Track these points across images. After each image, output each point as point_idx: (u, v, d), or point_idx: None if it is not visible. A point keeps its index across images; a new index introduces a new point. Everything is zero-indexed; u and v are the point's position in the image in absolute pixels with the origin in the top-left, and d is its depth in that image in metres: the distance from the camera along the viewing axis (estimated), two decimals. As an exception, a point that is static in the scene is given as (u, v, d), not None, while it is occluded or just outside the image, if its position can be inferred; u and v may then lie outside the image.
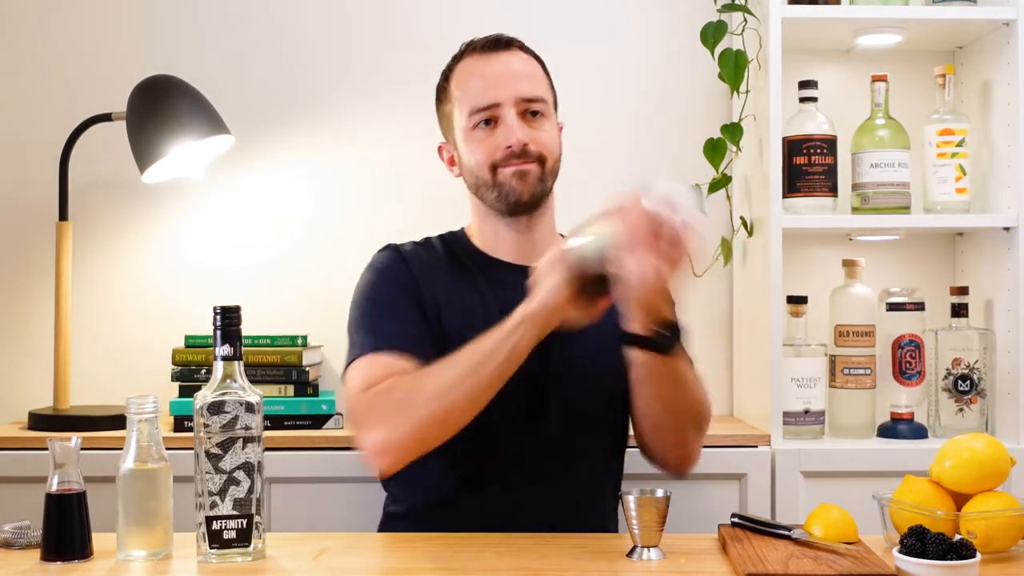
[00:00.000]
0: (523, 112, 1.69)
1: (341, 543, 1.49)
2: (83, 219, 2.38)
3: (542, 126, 1.71)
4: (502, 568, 1.35)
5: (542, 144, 1.69)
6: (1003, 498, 1.40)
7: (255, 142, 2.42)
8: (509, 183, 1.68)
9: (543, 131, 1.70)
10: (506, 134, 1.67)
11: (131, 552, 1.37)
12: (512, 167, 1.67)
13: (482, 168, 1.69)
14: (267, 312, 2.34)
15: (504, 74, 1.70)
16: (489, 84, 1.69)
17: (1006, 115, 2.20)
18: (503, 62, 1.71)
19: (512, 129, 1.67)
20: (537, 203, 1.71)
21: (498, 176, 1.68)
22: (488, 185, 1.70)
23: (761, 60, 2.21)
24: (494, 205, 1.71)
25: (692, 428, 1.68)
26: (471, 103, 1.69)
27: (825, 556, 1.33)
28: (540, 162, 1.69)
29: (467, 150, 1.71)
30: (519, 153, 1.67)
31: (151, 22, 2.43)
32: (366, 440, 1.52)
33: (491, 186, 1.70)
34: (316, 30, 2.44)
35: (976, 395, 2.19)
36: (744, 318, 2.36)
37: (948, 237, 2.45)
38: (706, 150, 2.30)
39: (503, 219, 1.72)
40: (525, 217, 1.72)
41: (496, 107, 1.68)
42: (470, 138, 1.70)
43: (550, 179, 1.72)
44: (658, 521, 1.38)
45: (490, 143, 1.68)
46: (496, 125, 1.69)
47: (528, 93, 1.69)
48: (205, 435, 1.35)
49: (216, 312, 1.37)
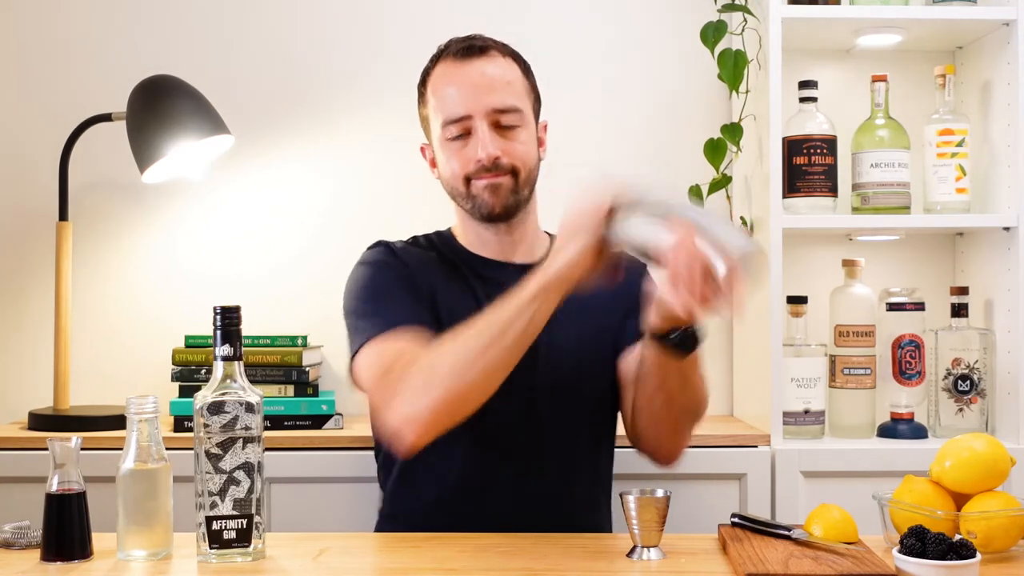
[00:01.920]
0: (496, 123, 1.67)
1: (341, 543, 1.49)
2: (83, 219, 2.38)
3: (516, 137, 1.68)
4: (502, 568, 1.35)
5: (515, 156, 1.68)
6: (1003, 498, 1.40)
7: (255, 142, 2.42)
8: (481, 196, 1.68)
9: (517, 142, 1.68)
10: (477, 148, 1.66)
11: (131, 552, 1.37)
12: (484, 180, 1.67)
13: (456, 179, 1.69)
14: (267, 312, 2.34)
15: (477, 84, 1.67)
16: (462, 95, 1.67)
17: (1006, 115, 2.20)
18: (477, 70, 1.68)
19: (484, 143, 1.65)
20: (512, 213, 1.71)
21: (471, 188, 1.68)
22: (462, 196, 1.70)
23: (761, 60, 2.21)
24: (470, 213, 1.72)
25: (688, 421, 1.67)
26: (444, 113, 1.68)
27: (825, 556, 1.33)
28: (513, 174, 1.68)
29: (443, 159, 1.71)
30: (490, 167, 1.66)
31: (151, 22, 2.43)
32: (391, 417, 1.49)
33: (465, 197, 1.70)
34: (316, 30, 2.44)
35: (976, 395, 2.19)
36: (744, 318, 2.36)
37: (948, 237, 2.45)
38: (706, 150, 2.30)
39: (482, 224, 1.73)
40: (503, 223, 1.72)
41: (467, 119, 1.66)
42: (445, 148, 1.70)
43: (525, 188, 1.70)
44: (658, 521, 1.38)
45: (463, 155, 1.68)
46: (469, 137, 1.67)
47: (500, 104, 1.66)
48: (205, 435, 1.35)
49: (216, 312, 1.37)
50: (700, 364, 1.64)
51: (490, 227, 1.73)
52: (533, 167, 1.72)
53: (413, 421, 1.47)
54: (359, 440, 2.07)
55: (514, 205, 1.70)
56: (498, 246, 1.74)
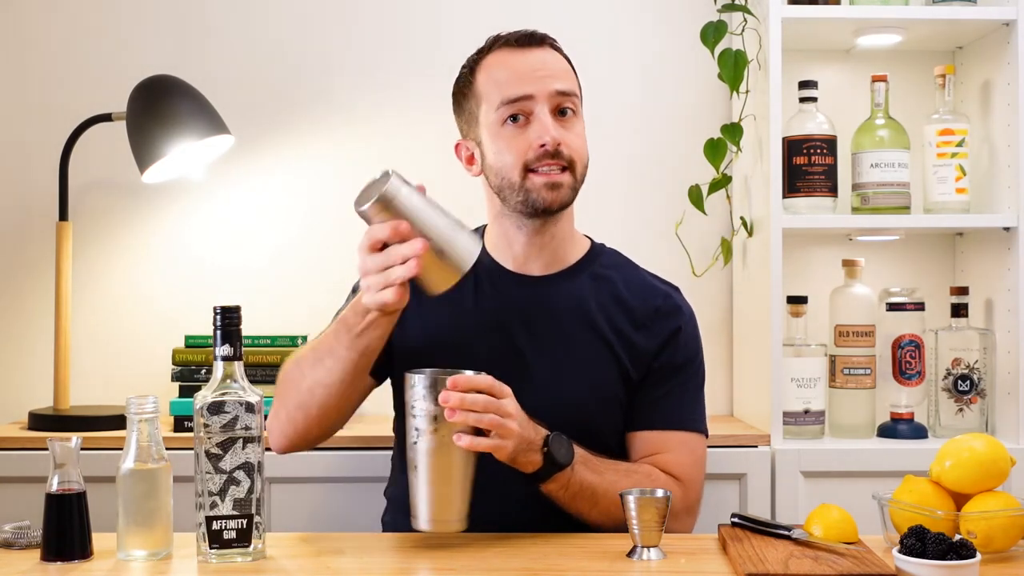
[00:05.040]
0: (555, 110, 1.62)
1: (341, 543, 1.49)
2: (83, 219, 2.38)
3: (574, 128, 1.64)
4: (502, 568, 1.35)
5: (574, 148, 1.62)
6: (1003, 498, 1.39)
7: (255, 142, 2.42)
8: (539, 192, 1.60)
9: (575, 133, 1.63)
10: (540, 131, 1.59)
11: (131, 552, 1.37)
12: (544, 176, 1.60)
13: (512, 170, 1.61)
14: (267, 312, 2.34)
15: (538, 68, 1.62)
16: (523, 76, 1.61)
17: (1006, 115, 2.20)
18: (537, 57, 1.64)
19: (546, 126, 1.59)
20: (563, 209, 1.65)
21: (528, 181, 1.61)
22: (515, 188, 1.62)
23: (761, 60, 2.21)
24: (516, 207, 1.63)
25: None
26: (502, 94, 1.61)
27: (825, 556, 1.33)
28: (571, 169, 1.62)
29: (495, 149, 1.63)
30: (553, 153, 1.59)
31: (151, 22, 2.43)
32: None
33: (518, 190, 1.61)
34: (316, 30, 2.44)
35: (976, 395, 2.19)
36: (744, 318, 2.36)
37: (948, 237, 2.45)
38: (706, 150, 2.30)
39: (520, 219, 1.65)
40: (540, 219, 1.65)
41: (529, 100, 1.60)
42: (499, 135, 1.62)
43: (579, 186, 1.65)
44: (658, 521, 1.38)
45: (521, 141, 1.60)
46: (527, 122, 1.61)
47: (563, 87, 1.62)
48: (205, 435, 1.35)
49: (216, 312, 1.37)
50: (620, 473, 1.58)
51: (527, 223, 1.65)
52: (587, 162, 1.66)
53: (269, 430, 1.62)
54: (359, 440, 2.07)
55: (569, 202, 1.64)
56: (523, 248, 1.68)
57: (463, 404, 1.39)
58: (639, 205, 2.45)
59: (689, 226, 2.38)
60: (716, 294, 2.45)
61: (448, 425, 1.39)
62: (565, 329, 1.66)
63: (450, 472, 1.41)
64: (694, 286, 2.41)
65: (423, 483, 1.41)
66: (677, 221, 2.37)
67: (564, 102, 1.63)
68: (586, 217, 1.78)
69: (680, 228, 2.37)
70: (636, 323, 1.69)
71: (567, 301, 1.67)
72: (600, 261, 1.73)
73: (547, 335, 1.66)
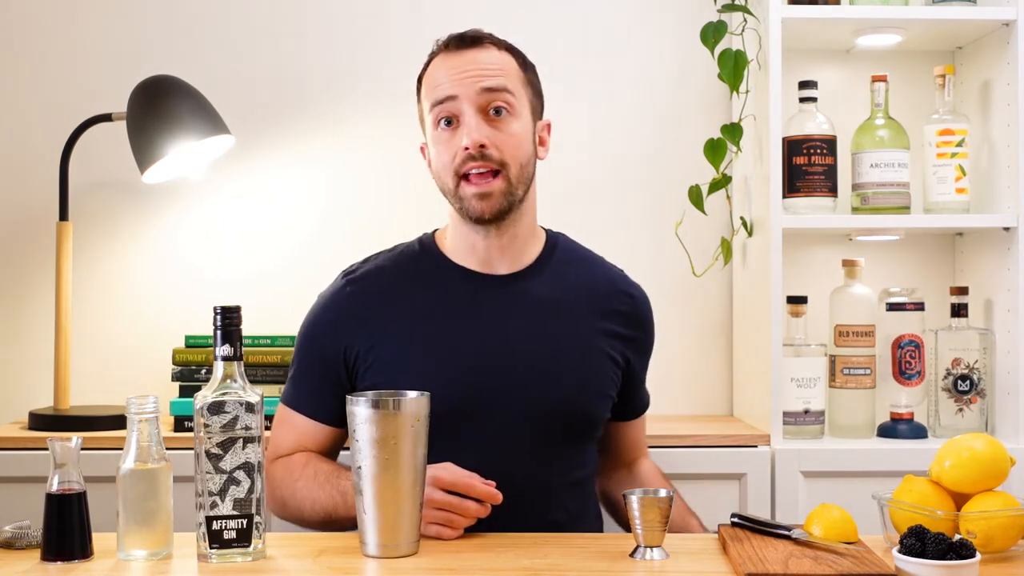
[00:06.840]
0: (486, 109, 1.59)
1: (341, 543, 1.49)
2: (83, 219, 2.38)
3: (507, 127, 1.59)
4: (502, 568, 1.35)
5: (505, 147, 1.58)
6: (1003, 498, 1.40)
7: (255, 142, 2.42)
8: (471, 202, 1.59)
9: (507, 133, 1.59)
10: (463, 134, 1.58)
11: (131, 552, 1.37)
12: (474, 186, 1.58)
13: (446, 174, 1.61)
14: (267, 312, 2.34)
15: (466, 68, 1.60)
16: (450, 78, 1.60)
17: (1006, 115, 2.20)
18: (469, 57, 1.61)
19: (470, 128, 1.57)
20: (504, 215, 1.61)
21: (460, 190, 1.60)
22: (451, 195, 1.62)
23: (761, 60, 2.21)
24: (460, 213, 1.63)
25: None
26: (431, 97, 1.61)
27: (825, 556, 1.33)
28: (503, 172, 1.58)
29: (435, 153, 1.63)
30: (476, 156, 1.56)
31: (151, 22, 2.43)
32: None
33: (453, 197, 1.62)
34: (317, 30, 2.44)
35: (976, 395, 2.20)
36: (744, 318, 2.36)
37: (948, 237, 2.45)
38: (706, 150, 2.30)
39: (472, 225, 1.64)
40: (494, 225, 1.63)
41: (454, 100, 1.58)
42: (436, 139, 1.62)
43: (519, 188, 1.61)
44: (661, 521, 1.38)
45: (452, 144, 1.59)
46: (459, 124, 1.59)
47: (488, 84, 1.58)
48: (205, 435, 1.35)
49: (216, 312, 1.37)
50: None
51: (480, 229, 1.63)
52: (525, 163, 1.62)
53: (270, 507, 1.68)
54: (359, 440, 2.07)
55: (507, 208, 1.61)
56: (485, 251, 1.66)
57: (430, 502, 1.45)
58: (639, 205, 2.45)
59: (689, 226, 2.38)
60: (716, 294, 2.45)
61: (392, 448, 1.37)
62: (544, 324, 1.66)
63: (396, 496, 1.38)
64: (694, 286, 2.42)
65: (369, 508, 1.38)
66: (677, 221, 2.37)
67: (494, 100, 1.59)
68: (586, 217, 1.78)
69: (680, 228, 2.37)
70: (609, 312, 1.71)
71: (540, 296, 1.67)
72: (556, 255, 1.72)
73: (528, 332, 1.65)
